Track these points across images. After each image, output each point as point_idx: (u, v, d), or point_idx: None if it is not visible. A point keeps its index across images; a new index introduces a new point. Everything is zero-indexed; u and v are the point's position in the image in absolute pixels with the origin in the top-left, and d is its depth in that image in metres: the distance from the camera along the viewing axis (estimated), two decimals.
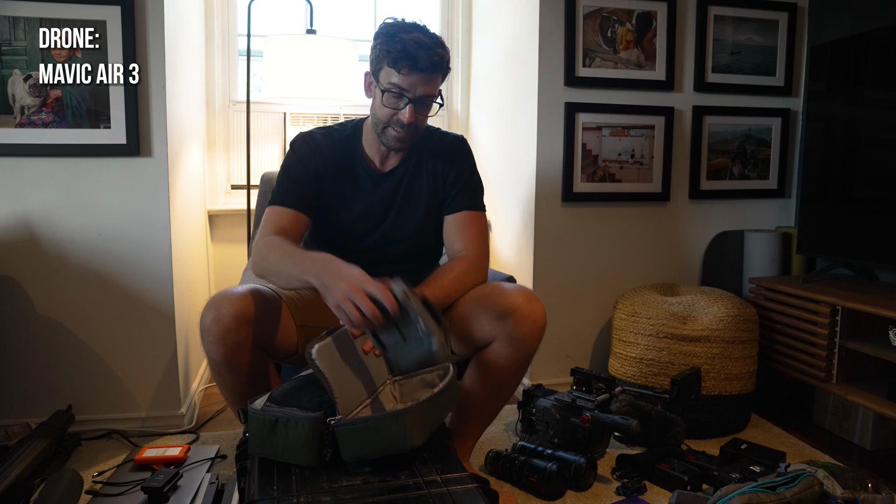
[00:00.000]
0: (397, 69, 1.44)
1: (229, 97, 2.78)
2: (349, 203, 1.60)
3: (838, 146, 2.25)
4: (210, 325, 1.34)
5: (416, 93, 1.45)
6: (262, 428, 1.14)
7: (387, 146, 1.55)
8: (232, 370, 1.38)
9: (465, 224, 1.60)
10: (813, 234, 2.30)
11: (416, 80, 1.44)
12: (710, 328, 2.04)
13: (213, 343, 1.34)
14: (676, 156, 2.49)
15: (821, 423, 2.21)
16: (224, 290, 1.41)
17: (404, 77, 1.44)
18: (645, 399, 1.93)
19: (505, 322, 1.45)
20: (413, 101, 1.46)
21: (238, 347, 1.35)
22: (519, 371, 1.52)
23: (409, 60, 1.42)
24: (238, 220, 2.74)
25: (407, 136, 1.51)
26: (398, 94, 1.46)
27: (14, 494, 1.52)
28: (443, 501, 1.04)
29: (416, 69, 1.42)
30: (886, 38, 2.06)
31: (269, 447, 1.14)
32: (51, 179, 1.93)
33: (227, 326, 1.33)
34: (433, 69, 1.44)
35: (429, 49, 1.42)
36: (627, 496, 1.68)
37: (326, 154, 1.58)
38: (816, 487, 1.45)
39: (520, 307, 1.44)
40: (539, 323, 1.46)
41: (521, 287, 1.53)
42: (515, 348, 1.46)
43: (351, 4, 2.98)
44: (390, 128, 1.51)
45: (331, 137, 1.61)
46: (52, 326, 1.97)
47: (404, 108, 1.46)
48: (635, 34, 2.38)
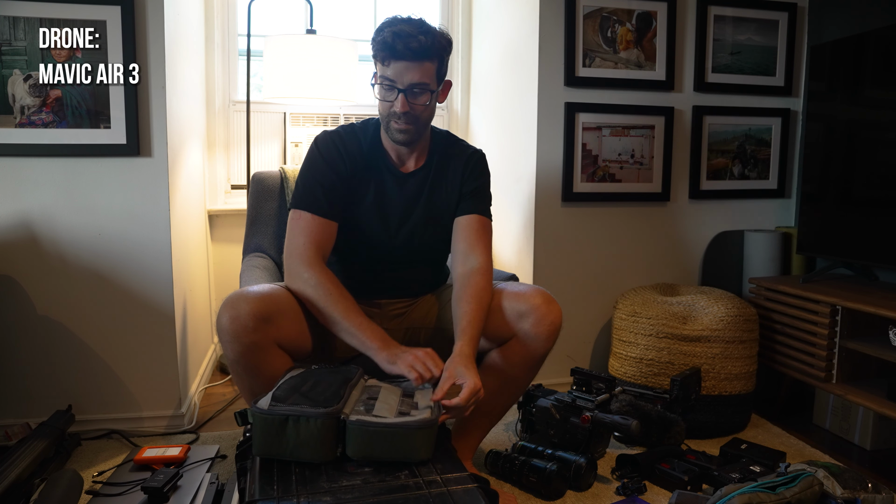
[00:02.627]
0: (382, 61, 1.48)
1: (229, 97, 2.78)
2: (373, 202, 1.60)
3: (838, 146, 2.25)
4: (227, 323, 1.34)
5: (403, 82, 1.47)
6: (269, 428, 1.14)
7: (393, 140, 1.57)
8: (248, 369, 1.38)
9: (477, 228, 1.61)
10: (813, 234, 2.30)
11: (400, 68, 1.46)
12: (710, 328, 2.04)
13: (229, 342, 1.35)
14: (676, 156, 2.49)
15: (821, 423, 2.21)
16: (241, 289, 1.42)
17: (389, 68, 1.47)
18: (645, 399, 1.93)
19: (523, 321, 1.49)
20: (403, 91, 1.48)
21: (254, 347, 1.35)
22: (531, 370, 1.56)
23: (387, 51, 1.45)
24: (238, 220, 2.74)
25: (408, 127, 1.52)
26: (389, 87, 1.49)
27: (14, 494, 1.52)
28: (443, 501, 1.04)
29: (395, 57, 1.45)
30: (886, 38, 2.05)
31: (278, 446, 1.14)
32: (51, 179, 1.93)
33: (245, 325, 1.33)
34: (414, 56, 1.45)
35: (407, 36, 1.44)
36: (627, 496, 1.68)
37: (355, 155, 1.59)
38: (816, 487, 1.45)
39: (538, 307, 1.48)
40: (556, 324, 1.50)
41: (538, 288, 1.55)
42: (531, 346, 1.50)
43: (351, 4, 2.98)
44: (391, 121, 1.52)
45: (356, 137, 1.61)
46: (52, 326, 1.97)
47: (396, 99, 1.48)
48: (635, 34, 2.38)
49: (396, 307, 1.67)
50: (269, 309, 1.37)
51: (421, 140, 1.61)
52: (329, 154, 1.57)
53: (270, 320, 1.36)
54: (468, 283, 1.51)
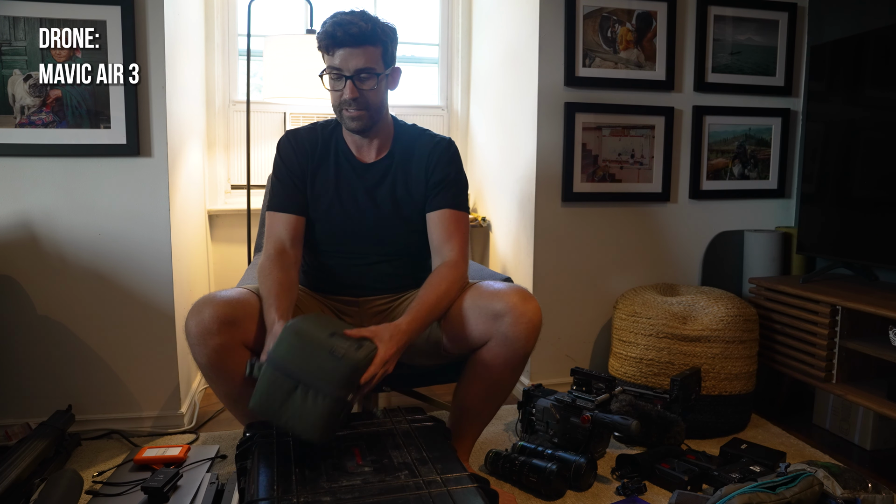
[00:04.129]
0: (328, 51, 1.53)
1: (229, 97, 2.78)
2: (334, 193, 1.61)
3: (838, 146, 2.25)
4: (192, 328, 1.37)
5: (349, 68, 1.50)
6: (276, 389, 1.14)
7: (348, 129, 1.59)
8: (218, 372, 1.40)
9: (448, 222, 1.59)
10: (813, 234, 2.30)
11: (344, 55, 1.50)
12: (710, 328, 2.04)
13: (195, 346, 1.38)
14: (676, 156, 2.49)
15: (821, 423, 2.21)
16: (208, 294, 1.44)
17: (335, 57, 1.51)
18: (645, 399, 1.93)
19: (500, 321, 1.44)
20: (349, 78, 1.50)
21: (221, 350, 1.36)
22: (515, 370, 1.51)
23: (329, 39, 1.50)
24: (238, 220, 2.74)
25: (359, 114, 1.54)
26: (337, 76, 1.53)
27: (14, 494, 1.52)
28: (443, 501, 1.04)
29: (338, 45, 1.50)
30: (886, 38, 2.05)
31: (276, 411, 1.14)
32: (51, 179, 1.93)
33: (208, 329, 1.35)
34: (355, 41, 1.49)
35: (348, 24, 1.49)
36: (627, 496, 1.68)
37: (308, 148, 1.63)
38: (816, 487, 1.45)
39: (515, 307, 1.44)
40: (534, 322, 1.45)
41: (515, 286, 1.52)
42: (511, 347, 1.46)
43: (351, 5, 2.97)
44: (343, 110, 1.55)
45: (314, 132, 1.66)
46: (52, 326, 1.97)
47: (345, 87, 1.51)
48: (635, 34, 2.38)
49: (376, 304, 1.66)
50: (233, 312, 1.38)
51: (378, 129, 1.61)
52: (285, 152, 1.63)
53: (236, 323, 1.38)
54: (432, 274, 1.54)
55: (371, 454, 1.22)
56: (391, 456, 1.21)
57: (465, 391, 1.55)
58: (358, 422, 1.39)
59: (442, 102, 3.02)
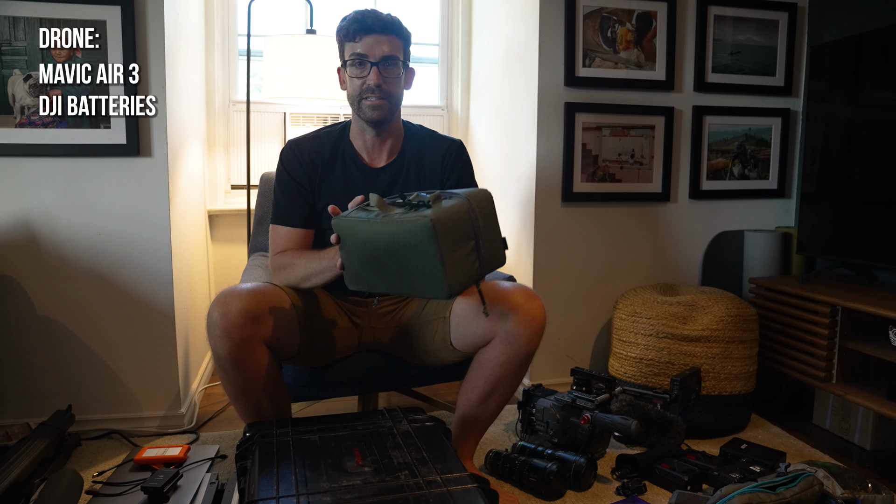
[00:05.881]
0: (353, 38, 1.53)
1: (229, 97, 2.78)
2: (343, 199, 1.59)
3: (838, 146, 2.25)
4: (218, 319, 1.35)
5: (375, 55, 1.51)
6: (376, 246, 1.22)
7: (366, 119, 1.58)
8: (237, 366, 1.38)
9: None
10: (813, 234, 2.30)
11: (372, 41, 1.51)
12: (710, 328, 2.04)
13: (219, 338, 1.35)
14: (676, 156, 2.49)
15: (821, 423, 2.21)
16: (232, 286, 1.43)
17: (360, 43, 1.52)
18: (645, 399, 1.93)
19: (505, 321, 1.45)
20: (375, 64, 1.51)
21: (244, 343, 1.36)
22: (520, 370, 1.52)
23: (357, 24, 1.51)
24: (238, 220, 2.74)
25: (381, 103, 1.54)
26: (361, 62, 1.53)
27: (14, 494, 1.52)
28: (443, 501, 1.04)
29: (367, 31, 1.51)
30: (886, 38, 2.06)
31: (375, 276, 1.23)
32: (51, 179, 1.93)
33: (235, 322, 1.34)
34: (385, 29, 1.51)
35: (376, 12, 1.53)
36: (627, 496, 1.68)
37: (315, 158, 1.62)
38: (816, 487, 1.45)
39: (520, 306, 1.45)
40: (539, 321, 1.47)
41: (520, 286, 1.53)
42: (515, 346, 1.47)
43: (351, 4, 2.98)
44: (363, 99, 1.55)
45: (319, 140, 1.65)
46: (52, 326, 1.97)
47: (370, 73, 1.52)
48: (635, 34, 2.38)
49: (385, 305, 1.67)
50: (258, 306, 1.38)
51: (392, 126, 1.62)
52: (289, 163, 1.62)
53: (259, 318, 1.38)
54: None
55: (371, 454, 1.22)
56: (391, 456, 1.21)
57: (470, 390, 1.56)
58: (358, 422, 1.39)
59: (442, 102, 3.02)
